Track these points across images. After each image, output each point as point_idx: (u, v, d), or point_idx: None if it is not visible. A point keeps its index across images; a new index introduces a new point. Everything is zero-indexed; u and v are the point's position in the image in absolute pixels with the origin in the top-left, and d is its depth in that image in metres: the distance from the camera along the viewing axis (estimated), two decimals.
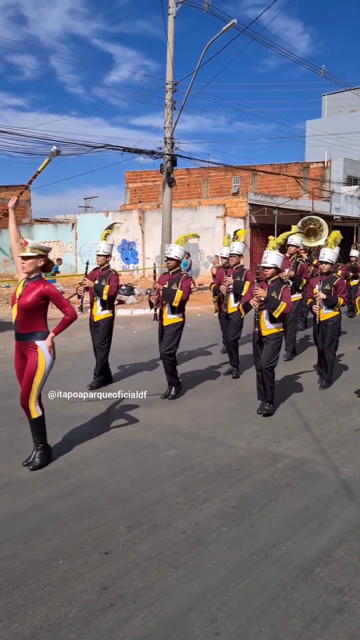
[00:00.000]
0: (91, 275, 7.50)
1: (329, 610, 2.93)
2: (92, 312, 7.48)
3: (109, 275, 7.45)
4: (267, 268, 6.24)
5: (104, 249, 7.62)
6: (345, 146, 32.98)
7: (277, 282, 6.28)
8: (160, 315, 6.99)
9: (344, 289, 7.46)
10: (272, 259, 6.23)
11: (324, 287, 7.29)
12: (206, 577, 3.24)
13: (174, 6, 18.15)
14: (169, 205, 19.44)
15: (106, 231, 7.85)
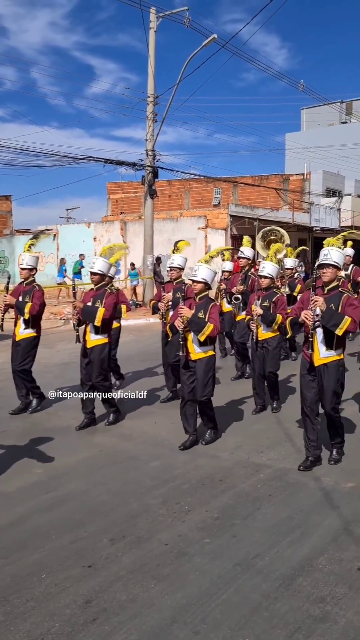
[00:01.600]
0: (16, 291, 6.82)
1: (311, 619, 2.95)
2: (15, 331, 6.79)
3: (33, 291, 6.69)
4: (196, 282, 5.51)
5: (28, 261, 6.81)
6: (324, 159, 33.53)
7: (205, 300, 5.53)
8: (84, 335, 6.24)
9: (284, 306, 6.67)
10: (202, 273, 5.49)
11: (263, 303, 6.61)
12: (189, 589, 3.24)
13: (155, 20, 18.35)
14: (151, 217, 19.52)
15: (30, 241, 7.09)
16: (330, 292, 4.97)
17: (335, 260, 4.93)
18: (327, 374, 4.91)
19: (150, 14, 18.36)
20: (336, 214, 27.45)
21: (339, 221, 27.31)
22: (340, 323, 4.77)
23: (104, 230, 26.69)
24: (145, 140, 19.01)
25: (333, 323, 4.78)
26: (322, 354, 4.93)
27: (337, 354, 4.97)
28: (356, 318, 4.79)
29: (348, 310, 4.83)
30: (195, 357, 5.49)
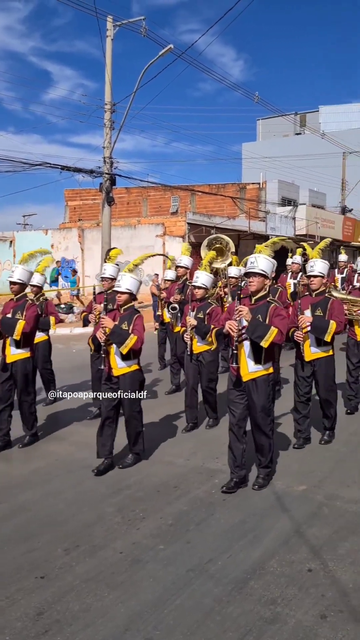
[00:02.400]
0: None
1: (262, 621, 3.01)
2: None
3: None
4: (120, 293, 5.20)
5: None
6: (279, 168, 34.20)
7: (130, 311, 5.23)
8: (3, 350, 5.92)
9: (219, 318, 6.16)
10: (126, 283, 5.18)
11: (197, 314, 6.30)
12: (143, 596, 3.26)
13: (112, 29, 18.37)
14: (108, 224, 19.47)
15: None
16: (257, 302, 4.71)
17: (262, 269, 4.64)
18: (256, 390, 4.64)
19: (107, 22, 18.38)
20: (291, 222, 28.00)
21: (294, 230, 27.86)
22: (266, 335, 4.47)
23: (62, 237, 26.44)
24: (103, 148, 18.97)
25: (258, 335, 4.49)
26: (251, 369, 4.64)
27: (266, 368, 4.68)
28: (283, 329, 4.56)
29: (275, 321, 4.57)
30: (118, 373, 5.16)
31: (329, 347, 5.70)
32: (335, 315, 5.58)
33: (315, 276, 5.70)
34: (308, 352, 5.66)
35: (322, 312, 5.58)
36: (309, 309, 5.66)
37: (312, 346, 5.63)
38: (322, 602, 3.16)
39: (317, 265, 5.70)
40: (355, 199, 35.63)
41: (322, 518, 4.20)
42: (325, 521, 4.15)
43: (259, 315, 4.59)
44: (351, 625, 2.95)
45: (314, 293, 5.75)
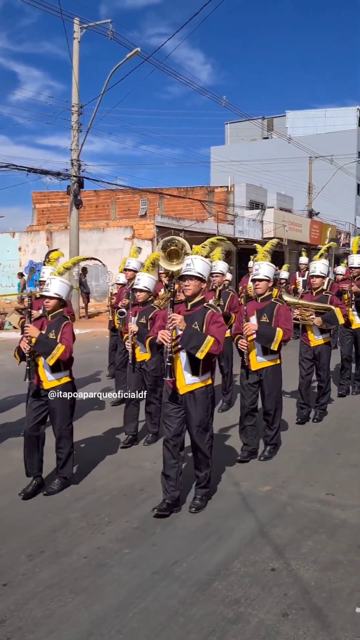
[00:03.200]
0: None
1: (225, 621, 3.04)
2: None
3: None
4: (49, 298, 4.74)
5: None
6: (247, 172, 34.55)
7: (58, 318, 4.77)
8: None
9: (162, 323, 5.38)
10: (55, 288, 4.70)
11: (139, 319, 5.89)
12: (107, 600, 3.25)
13: (79, 31, 18.32)
14: (76, 227, 19.37)
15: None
16: (194, 308, 4.34)
17: (199, 272, 4.28)
18: (194, 403, 4.29)
19: (74, 24, 18.32)
20: (259, 225, 28.29)
21: (262, 233, 28.16)
22: (202, 345, 4.09)
23: (29, 240, 26.16)
24: (70, 150, 18.87)
25: (193, 345, 4.12)
26: (187, 381, 4.29)
27: (204, 380, 4.32)
28: (220, 338, 4.19)
29: (212, 329, 4.20)
30: (48, 386, 4.73)
31: (276, 355, 5.43)
32: (282, 322, 5.29)
33: (260, 280, 5.40)
34: (254, 361, 5.37)
35: (267, 318, 5.31)
36: (255, 315, 5.37)
37: (258, 355, 5.36)
38: (284, 601, 3.20)
39: (263, 269, 5.38)
40: (321, 203, 36.24)
41: (286, 518, 4.26)
42: (289, 521, 4.21)
43: (195, 322, 4.24)
44: (312, 622, 3.01)
45: (260, 298, 5.46)
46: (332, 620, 3.03)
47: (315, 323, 6.65)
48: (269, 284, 5.48)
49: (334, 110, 50.77)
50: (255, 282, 5.46)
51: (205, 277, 4.37)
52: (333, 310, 6.65)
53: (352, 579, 3.42)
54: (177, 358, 4.30)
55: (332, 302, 6.78)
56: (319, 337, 6.84)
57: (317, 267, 6.96)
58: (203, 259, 4.38)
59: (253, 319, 5.35)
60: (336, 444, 6.00)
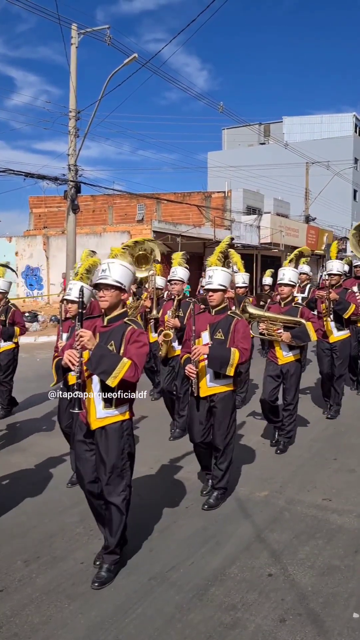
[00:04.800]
0: None
1: (222, 627, 3.03)
2: None
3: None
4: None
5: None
6: (244, 178, 34.67)
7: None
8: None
9: None
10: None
11: None
12: (104, 606, 3.24)
13: (76, 36, 18.36)
14: (73, 232, 19.36)
15: None
16: (111, 324, 3.57)
17: (117, 279, 3.50)
18: (106, 441, 3.49)
19: (71, 30, 18.36)
20: (256, 231, 28.35)
21: (259, 238, 28.23)
22: (114, 369, 3.30)
23: (26, 245, 26.16)
24: (68, 155, 18.89)
25: (103, 369, 3.31)
26: (100, 413, 3.50)
27: (122, 412, 3.53)
28: (139, 361, 3.41)
29: (130, 350, 3.43)
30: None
31: (230, 380, 4.57)
32: (239, 339, 4.48)
33: (214, 290, 4.57)
34: (204, 386, 4.52)
35: (223, 335, 4.51)
36: (207, 330, 4.57)
37: (209, 378, 4.53)
38: (281, 606, 3.20)
39: (217, 276, 4.59)
40: (318, 208, 36.37)
41: (283, 523, 4.26)
42: (286, 526, 4.21)
43: (111, 341, 3.48)
44: (309, 628, 3.01)
45: (214, 310, 4.64)
46: (329, 625, 3.03)
47: (283, 339, 5.71)
48: (224, 294, 4.65)
49: (330, 117, 51.01)
50: (209, 292, 4.60)
51: (126, 286, 3.56)
52: (304, 325, 5.73)
53: (349, 584, 3.42)
54: (90, 384, 3.53)
55: (302, 315, 5.86)
56: (288, 354, 5.89)
57: (285, 275, 5.98)
58: (123, 264, 3.59)
59: (205, 335, 4.55)
60: (333, 449, 6.00)
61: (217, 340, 4.51)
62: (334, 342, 7.15)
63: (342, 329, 7.18)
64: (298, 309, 5.96)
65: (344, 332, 7.21)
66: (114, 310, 3.60)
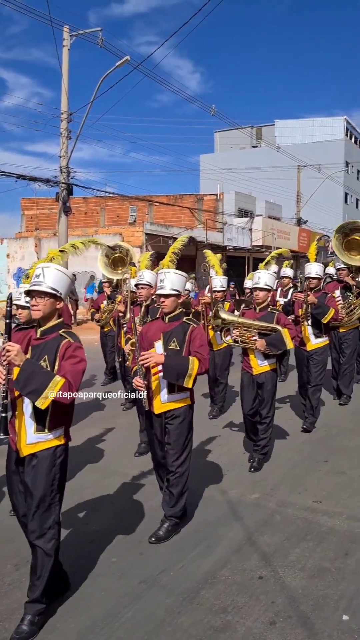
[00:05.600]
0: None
1: (212, 630, 3.03)
2: None
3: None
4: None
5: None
6: (236, 180, 34.75)
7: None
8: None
9: None
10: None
11: None
12: (94, 609, 3.23)
13: (68, 38, 18.37)
14: (65, 234, 19.33)
15: None
16: (45, 336, 3.19)
17: (52, 286, 3.14)
18: (35, 469, 3.10)
19: (63, 32, 18.36)
20: (248, 233, 28.44)
21: (251, 241, 28.32)
22: (45, 389, 2.92)
23: (18, 247, 26.10)
24: (59, 157, 18.87)
25: (32, 389, 2.94)
26: (31, 438, 3.12)
27: (57, 436, 3.16)
28: (74, 379, 3.01)
29: (65, 367, 3.06)
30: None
31: (186, 394, 4.16)
32: (197, 348, 4.06)
33: (166, 295, 4.10)
34: (158, 402, 4.10)
35: (177, 344, 4.09)
36: (160, 339, 4.13)
37: (163, 392, 4.10)
38: (272, 609, 3.20)
39: (169, 280, 4.09)
40: (309, 211, 36.52)
41: (274, 525, 4.27)
42: (276, 528, 4.21)
43: (44, 356, 3.13)
44: (299, 630, 3.01)
45: (167, 317, 4.19)
46: (319, 628, 3.04)
47: (258, 347, 5.34)
48: (179, 299, 4.20)
49: (322, 120, 51.32)
50: (160, 297, 4.18)
51: (62, 293, 3.19)
52: (279, 332, 5.33)
53: (339, 586, 3.43)
54: (20, 404, 3.13)
55: (278, 321, 5.47)
56: (263, 363, 5.50)
57: (261, 278, 5.58)
58: (59, 269, 3.22)
59: (158, 345, 4.11)
60: (324, 451, 6.02)
61: (171, 351, 4.07)
62: (311, 349, 6.74)
63: (320, 335, 6.76)
64: (274, 314, 5.57)
65: (322, 339, 6.79)
66: (49, 321, 3.19)
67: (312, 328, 6.70)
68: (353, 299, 7.87)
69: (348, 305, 7.84)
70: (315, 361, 6.74)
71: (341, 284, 8.07)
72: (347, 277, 7.96)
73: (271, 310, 5.65)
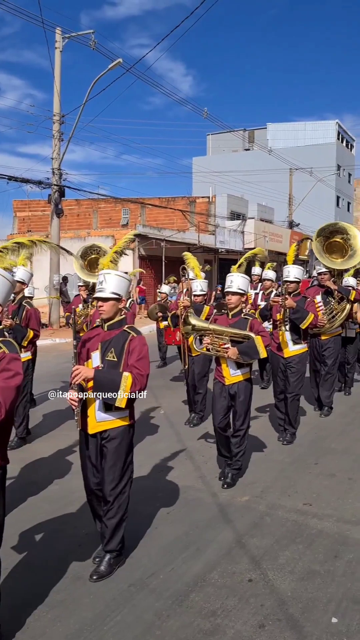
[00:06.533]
0: None
1: (201, 633, 3.02)
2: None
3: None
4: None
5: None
6: (228, 183, 34.85)
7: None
8: None
9: None
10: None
11: None
12: (83, 613, 3.21)
13: (61, 40, 18.36)
14: (57, 236, 19.29)
15: None
16: None
17: None
18: None
19: (55, 34, 18.36)
20: (240, 236, 28.52)
21: (243, 243, 28.39)
22: None
23: None
24: (52, 159, 18.84)
25: None
26: None
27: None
28: (3, 396, 2.70)
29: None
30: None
31: (125, 413, 3.72)
32: (134, 362, 3.62)
33: (105, 299, 3.73)
34: (92, 421, 3.70)
35: (115, 355, 3.68)
36: (98, 349, 3.73)
37: (98, 410, 3.68)
38: (261, 612, 3.20)
39: (110, 283, 3.72)
40: (302, 214, 36.68)
41: (264, 528, 4.27)
42: (266, 531, 4.21)
43: None
44: (288, 633, 3.01)
45: (106, 325, 3.79)
46: (308, 630, 3.04)
47: (229, 355, 5.01)
48: (119, 304, 3.78)
49: (313, 124, 51.57)
50: (99, 301, 3.78)
51: (2, 299, 3.03)
52: (252, 339, 5.01)
53: (328, 589, 3.43)
54: None
55: (252, 328, 5.14)
56: (236, 372, 5.17)
57: (234, 282, 5.23)
58: None
59: (96, 355, 3.73)
60: (314, 453, 6.03)
61: (108, 363, 3.66)
62: (289, 357, 6.34)
63: (299, 342, 6.38)
64: (247, 320, 5.22)
65: (301, 346, 6.40)
66: None
67: (290, 334, 6.33)
68: (335, 305, 7.46)
69: (330, 311, 7.43)
70: (294, 369, 6.34)
71: (323, 288, 7.67)
72: (329, 282, 7.55)
73: (245, 316, 5.30)
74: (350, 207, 54.94)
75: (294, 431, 6.52)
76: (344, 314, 7.47)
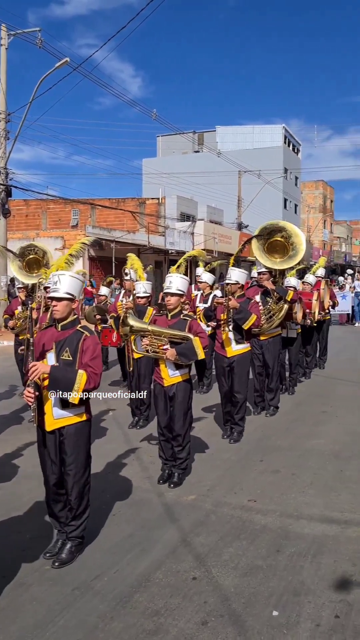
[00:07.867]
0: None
1: (145, 633, 3.03)
2: None
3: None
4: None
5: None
6: (178, 185, 35.00)
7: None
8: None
9: None
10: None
11: None
12: (25, 620, 3.16)
13: (6, 37, 18.01)
14: (4, 236, 18.90)
15: None
16: None
17: None
18: None
19: (1, 31, 17.98)
20: (189, 237, 28.70)
21: (193, 245, 28.56)
22: None
23: None
24: None
25: None
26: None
27: None
28: None
29: None
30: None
31: (81, 409, 3.86)
32: (88, 361, 3.77)
33: (59, 299, 3.84)
34: (50, 418, 3.80)
35: (70, 354, 3.79)
36: (53, 349, 3.83)
37: (55, 406, 3.80)
38: (204, 609, 3.24)
39: (63, 282, 3.84)
40: (250, 216, 37.24)
41: (209, 525, 4.31)
42: (212, 528, 4.26)
43: None
44: (230, 628, 3.06)
45: (60, 325, 3.90)
46: (250, 624, 3.09)
47: (168, 356, 4.99)
48: (73, 304, 3.90)
49: (261, 128, 52.41)
50: (53, 301, 3.90)
51: None
52: (191, 341, 4.97)
53: (270, 583, 3.50)
54: None
55: (190, 329, 5.11)
56: (175, 373, 5.14)
57: (173, 282, 5.22)
58: None
59: (51, 355, 3.83)
60: (260, 451, 6.14)
61: (63, 362, 3.78)
62: (231, 356, 6.40)
63: (241, 342, 6.42)
64: (186, 321, 5.20)
65: (243, 345, 6.44)
66: None
67: (233, 333, 6.38)
68: (272, 305, 7.46)
69: (267, 312, 7.42)
70: (237, 369, 6.41)
71: (262, 288, 7.69)
72: (267, 282, 7.58)
73: (184, 317, 5.29)
74: (298, 209, 56.18)
75: (242, 429, 6.60)
76: (281, 313, 7.50)
